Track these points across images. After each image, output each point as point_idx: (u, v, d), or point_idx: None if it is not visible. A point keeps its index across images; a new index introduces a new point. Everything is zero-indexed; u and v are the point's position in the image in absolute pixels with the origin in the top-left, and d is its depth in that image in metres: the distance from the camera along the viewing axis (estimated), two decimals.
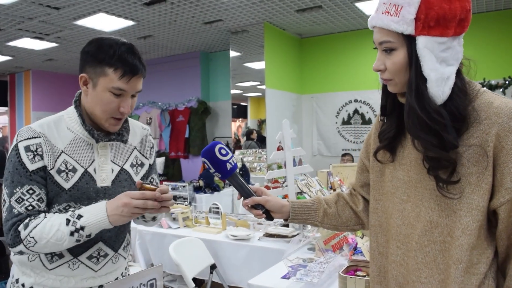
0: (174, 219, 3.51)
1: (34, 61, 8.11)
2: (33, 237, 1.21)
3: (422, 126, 1.02)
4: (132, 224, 3.65)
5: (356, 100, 6.60)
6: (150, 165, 1.55)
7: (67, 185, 1.29)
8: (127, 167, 1.44)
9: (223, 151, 1.30)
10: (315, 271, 1.98)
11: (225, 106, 7.48)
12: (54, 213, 1.30)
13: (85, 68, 1.31)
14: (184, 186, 5.47)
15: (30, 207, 1.24)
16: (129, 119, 1.52)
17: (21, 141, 1.27)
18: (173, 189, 3.92)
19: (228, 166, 1.30)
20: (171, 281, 3.43)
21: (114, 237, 1.41)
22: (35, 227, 1.21)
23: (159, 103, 8.16)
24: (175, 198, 3.87)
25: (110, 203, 1.25)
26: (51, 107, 9.35)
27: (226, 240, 2.98)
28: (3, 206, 1.26)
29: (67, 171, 1.29)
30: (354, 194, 1.39)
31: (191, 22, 5.78)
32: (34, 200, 1.25)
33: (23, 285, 1.32)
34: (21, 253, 1.25)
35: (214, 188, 5.58)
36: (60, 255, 1.31)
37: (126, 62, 1.26)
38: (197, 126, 7.59)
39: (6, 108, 10.12)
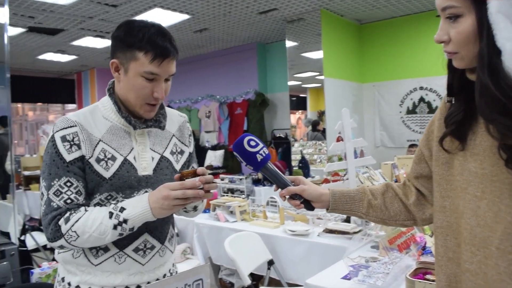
0: (231, 212, 3.46)
1: (97, 59, 8.42)
2: (75, 231, 1.17)
3: (497, 107, 0.84)
4: (190, 217, 3.64)
5: (421, 88, 6.21)
6: (190, 153, 1.50)
7: (107, 174, 1.25)
8: (167, 154, 1.39)
9: (252, 143, 1.24)
10: (379, 272, 1.81)
11: (283, 97, 7.35)
12: (95, 204, 1.26)
13: (115, 53, 1.26)
14: (241, 179, 5.44)
15: (68, 200, 1.21)
16: (166, 107, 1.46)
17: (57, 131, 1.24)
18: (230, 181, 3.87)
19: (259, 157, 1.24)
20: (229, 275, 3.39)
21: (160, 228, 1.36)
22: (77, 221, 1.18)
23: (217, 96, 8.18)
24: (232, 191, 3.81)
25: (151, 194, 1.20)
26: None
27: (284, 235, 2.87)
28: (41, 199, 1.23)
29: (106, 159, 1.25)
30: (408, 185, 1.26)
31: (246, 13, 5.69)
32: (72, 193, 1.22)
33: (69, 283, 1.28)
34: (61, 247, 1.22)
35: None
36: (106, 249, 1.27)
37: (156, 44, 1.20)
38: (255, 118, 7.52)
39: (74, 105, 10.64)
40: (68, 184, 1.21)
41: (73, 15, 5.46)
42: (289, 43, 6.26)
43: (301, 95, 7.76)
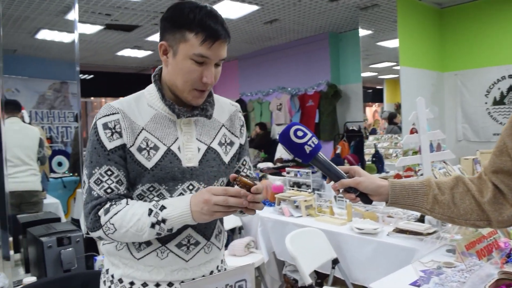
0: (296, 207, 3.34)
1: None
2: (113, 224, 1.14)
3: None
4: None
5: (510, 76, 5.63)
6: (240, 144, 1.40)
7: (149, 164, 1.19)
8: (214, 145, 1.30)
9: (299, 133, 1.16)
10: (454, 281, 1.60)
11: (356, 89, 7.05)
12: (137, 195, 1.22)
13: (164, 35, 1.20)
14: (307, 173, 5.29)
15: (109, 190, 1.17)
16: (216, 95, 1.39)
17: (99, 118, 1.20)
18: (296, 175, 3.75)
19: (307, 148, 1.15)
20: (293, 271, 3.28)
21: (205, 223, 1.27)
22: (116, 213, 1.14)
23: (289, 88, 8.07)
24: (299, 185, 3.69)
25: (194, 196, 1.13)
26: None
27: (350, 233, 2.70)
28: (83, 187, 1.21)
29: (148, 149, 1.20)
30: (483, 180, 1.09)
31: (317, 1, 5.50)
32: (113, 182, 1.18)
33: (112, 276, 1.25)
34: (100, 238, 1.20)
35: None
36: (148, 243, 1.22)
37: (208, 26, 1.13)
38: (328, 111, 7.31)
39: None
40: (109, 172, 1.18)
41: (146, 10, 5.61)
42: (362, 32, 5.97)
43: (377, 87, 7.42)
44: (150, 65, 10.22)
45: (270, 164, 6.72)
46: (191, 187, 1.24)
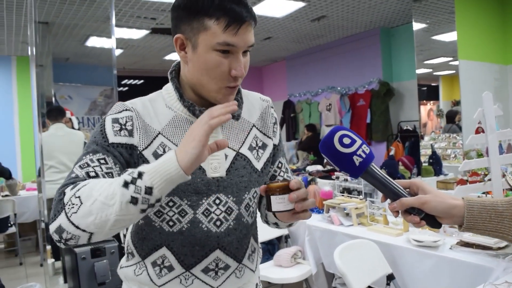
0: (347, 214, 3.10)
1: None
2: (78, 197, 0.84)
3: None
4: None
5: None
6: (274, 145, 1.21)
7: None
8: (244, 150, 1.12)
9: (346, 140, 0.93)
10: None
11: (411, 86, 6.63)
12: (155, 212, 1.04)
13: (179, 27, 1.02)
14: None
15: (92, 173, 0.93)
16: (244, 90, 1.20)
17: (110, 115, 1.05)
18: (346, 180, 3.49)
19: (356, 160, 0.92)
20: (344, 285, 3.03)
21: (236, 243, 1.10)
22: (85, 185, 0.86)
23: (338, 88, 7.77)
24: (349, 191, 3.43)
25: (183, 140, 0.89)
26: None
27: (407, 245, 2.43)
28: None
29: None
30: None
31: None
32: (102, 170, 0.95)
33: None
34: (59, 233, 0.85)
35: (399, 178, 4.93)
36: (170, 268, 1.05)
37: (230, 9, 0.95)
38: (380, 110, 6.94)
39: None
40: (102, 161, 0.96)
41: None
42: (416, 26, 5.58)
43: (432, 84, 6.96)
44: None
45: (319, 167, 6.47)
46: (217, 201, 1.06)
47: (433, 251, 2.27)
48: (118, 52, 7.28)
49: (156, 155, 1.02)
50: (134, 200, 0.82)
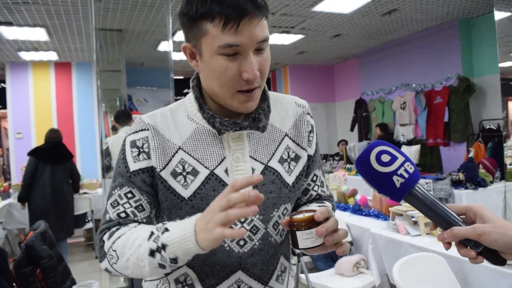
0: (414, 223, 2.86)
1: (288, 55, 8.48)
2: (115, 251, 0.90)
3: None
4: (365, 225, 3.13)
5: None
6: (309, 156, 1.09)
7: (186, 193, 0.95)
8: (273, 163, 1.01)
9: (384, 157, 0.79)
10: None
11: (493, 81, 6.07)
12: None
13: (186, 35, 0.94)
14: (427, 183, 4.62)
15: (123, 214, 0.95)
16: (275, 93, 1.09)
17: (129, 134, 1.00)
18: (427, 183, 3.24)
19: (397, 181, 0.78)
20: None
21: (260, 264, 0.99)
22: (119, 237, 0.90)
23: (413, 85, 7.34)
24: None
25: (203, 214, 0.83)
26: (307, 98, 9.62)
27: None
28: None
29: (184, 173, 0.96)
30: None
31: None
32: (131, 206, 0.96)
33: None
34: (108, 271, 0.95)
35: (479, 183, 4.53)
36: (191, 286, 0.98)
37: (224, 4, 0.84)
38: (459, 108, 6.44)
39: None
40: (129, 195, 0.96)
41: None
42: (499, 14, 5.07)
43: None
44: (269, 69, 10.22)
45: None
46: (242, 219, 0.97)
47: None
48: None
49: (175, 174, 0.96)
50: (162, 266, 0.85)
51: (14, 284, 2.69)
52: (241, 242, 0.97)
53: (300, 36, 6.82)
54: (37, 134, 5.48)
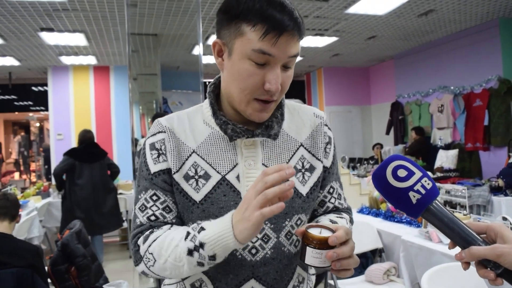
0: None
1: (323, 58, 8.42)
2: (152, 254, 0.93)
3: None
4: (397, 232, 3.05)
5: None
6: (325, 168, 1.08)
7: (197, 197, 0.96)
8: None
9: (401, 172, 0.77)
10: None
11: None
12: None
13: (219, 32, 0.96)
14: (476, 186, 4.47)
15: (153, 217, 0.98)
16: (293, 103, 1.09)
17: (148, 138, 1.03)
18: (448, 192, 3.14)
19: (413, 197, 0.76)
20: None
21: (273, 273, 0.98)
22: (154, 240, 0.93)
23: (451, 87, 7.13)
24: (452, 205, 3.07)
25: (238, 207, 0.85)
26: (342, 101, 9.62)
27: None
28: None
29: (196, 177, 0.97)
30: None
31: None
32: (158, 208, 0.98)
33: None
34: (144, 274, 0.98)
35: None
36: None
37: (270, 16, 0.86)
38: (499, 111, 6.20)
39: None
40: (154, 198, 0.99)
41: None
42: None
43: None
44: (303, 71, 10.18)
45: (429, 174, 5.98)
46: None
47: None
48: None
49: (188, 178, 0.98)
50: (200, 264, 0.87)
51: (49, 280, 2.79)
52: (253, 251, 0.97)
53: (334, 39, 6.75)
54: (77, 135, 5.73)
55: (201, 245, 0.85)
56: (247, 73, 0.90)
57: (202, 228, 0.87)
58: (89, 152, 4.80)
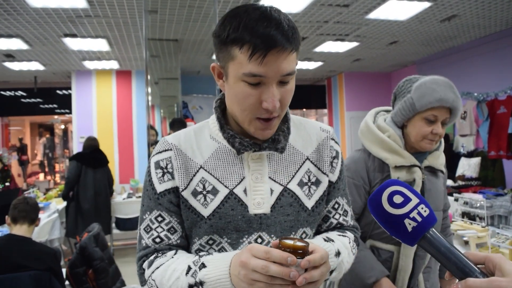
0: (466, 243, 2.72)
1: (343, 63, 8.37)
2: (154, 280, 0.96)
3: None
4: None
5: None
6: (331, 183, 1.08)
7: (205, 212, 0.98)
8: (292, 186, 1.02)
9: (397, 199, 0.76)
10: None
11: None
12: (196, 249, 1.01)
13: (217, 56, 0.96)
14: (498, 195, 4.35)
15: (158, 239, 1.00)
16: (299, 117, 1.09)
17: (153, 156, 1.04)
18: (466, 203, 3.07)
19: (409, 224, 0.74)
20: None
21: None
22: (158, 267, 0.96)
23: (475, 94, 6.97)
24: (470, 216, 3.01)
25: (236, 255, 0.86)
26: (363, 106, 9.53)
27: None
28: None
29: (204, 192, 0.98)
30: None
31: None
32: (163, 230, 1.00)
33: None
34: None
35: None
36: None
37: (255, 33, 0.85)
38: None
39: (325, 110, 10.98)
40: (159, 219, 1.01)
41: (308, 21, 5.49)
42: None
43: None
44: (324, 76, 10.14)
45: (450, 182, 5.90)
46: (259, 240, 0.98)
47: None
48: None
49: (196, 193, 0.99)
50: None
51: (67, 282, 2.84)
52: None
53: (355, 44, 6.70)
54: (99, 138, 5.85)
55: (201, 283, 0.88)
56: (243, 95, 0.91)
57: (203, 265, 0.89)
58: (94, 157, 5.06)
